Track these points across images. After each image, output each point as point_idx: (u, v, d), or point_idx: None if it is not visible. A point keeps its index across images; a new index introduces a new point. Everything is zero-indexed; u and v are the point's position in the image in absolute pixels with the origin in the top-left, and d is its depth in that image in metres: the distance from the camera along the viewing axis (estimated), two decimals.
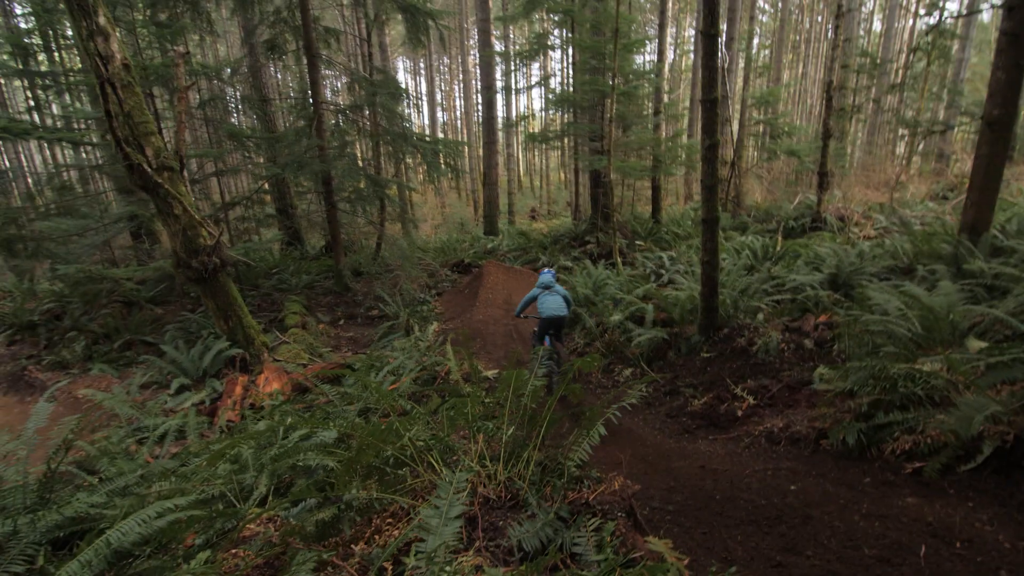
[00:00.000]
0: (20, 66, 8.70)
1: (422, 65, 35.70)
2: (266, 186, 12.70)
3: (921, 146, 18.37)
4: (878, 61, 12.65)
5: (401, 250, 10.62)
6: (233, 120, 12.81)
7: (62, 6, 8.30)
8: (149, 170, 5.84)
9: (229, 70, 10.28)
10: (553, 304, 5.55)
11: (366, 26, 11.43)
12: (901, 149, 18.97)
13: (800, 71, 29.25)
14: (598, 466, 3.51)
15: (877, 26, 25.33)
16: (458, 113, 40.85)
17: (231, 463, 3.03)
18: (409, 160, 11.02)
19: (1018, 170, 15.67)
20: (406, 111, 11.56)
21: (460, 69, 35.38)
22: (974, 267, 5.55)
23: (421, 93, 40.12)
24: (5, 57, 10.04)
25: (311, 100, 9.50)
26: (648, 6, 25.49)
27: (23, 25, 11.16)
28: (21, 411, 6.58)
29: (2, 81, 13.55)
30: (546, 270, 6.04)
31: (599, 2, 11.07)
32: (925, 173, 17.53)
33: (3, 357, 7.73)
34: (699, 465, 3.11)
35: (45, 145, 11.84)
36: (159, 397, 6.37)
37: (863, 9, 26.73)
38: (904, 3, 17.95)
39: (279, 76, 19.41)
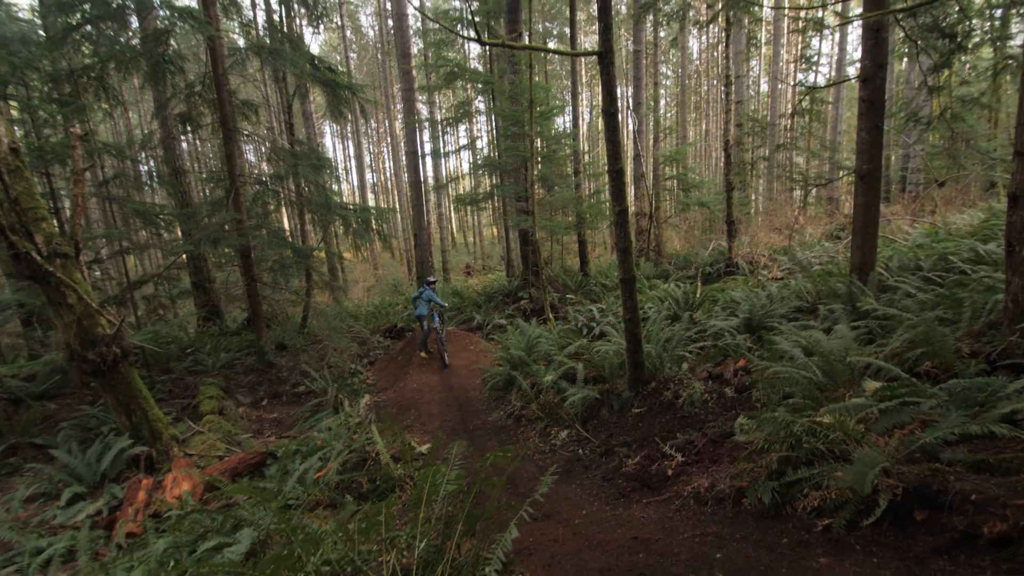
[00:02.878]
0: None
1: (349, 130, 35.99)
2: (183, 258, 12.04)
3: (814, 193, 20.60)
4: (766, 123, 14.14)
5: (328, 320, 10.26)
6: (145, 194, 12.19)
7: None
8: (39, 258, 5.37)
9: (138, 144, 9.86)
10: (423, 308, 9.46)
11: (285, 97, 11.46)
12: (797, 196, 21.15)
13: (704, 128, 32.11)
14: (534, 546, 3.39)
15: (764, 87, 28.52)
16: (388, 175, 41.23)
17: None
18: (338, 227, 10.84)
19: (897, 208, 17.80)
20: (332, 178, 11.49)
21: (388, 133, 35.99)
22: (866, 305, 6.11)
23: (350, 156, 40.28)
24: None
25: (227, 173, 9.25)
26: (564, 73, 27.38)
27: None
28: None
29: None
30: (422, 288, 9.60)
31: (514, 74, 11.76)
32: (819, 216, 19.46)
33: None
34: (632, 536, 3.08)
35: None
36: (47, 511, 5.59)
37: (751, 74, 30.14)
38: (784, 71, 20.45)
39: (197, 145, 18.86)
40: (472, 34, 16.12)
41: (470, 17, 12.05)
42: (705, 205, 14.22)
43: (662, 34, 27.01)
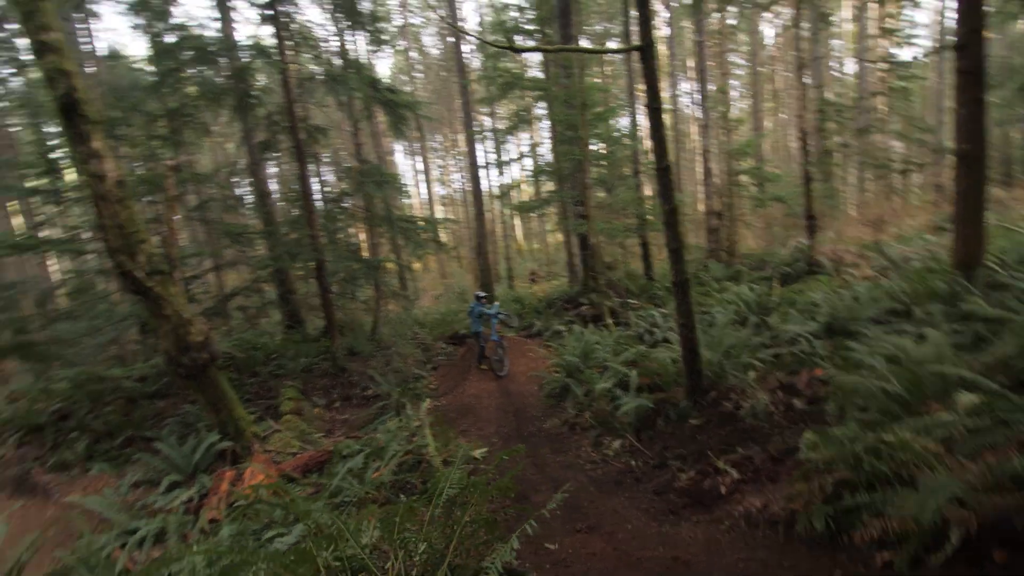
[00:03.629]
0: (28, 185, 9.38)
1: (417, 146, 37.36)
2: (269, 272, 13.11)
3: (915, 180, 18.59)
4: (844, 106, 13.07)
5: (394, 327, 10.71)
6: (236, 215, 13.39)
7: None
8: (140, 276, 6.07)
9: (226, 171, 10.90)
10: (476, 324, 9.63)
11: (352, 120, 12.14)
12: (897, 184, 19.17)
13: (781, 118, 30.19)
14: (571, 559, 3.34)
15: (852, 67, 26.35)
16: (455, 186, 42.36)
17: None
18: (398, 239, 11.35)
19: (1020, 192, 15.55)
20: (396, 192, 12.05)
21: (453, 146, 37.08)
22: (971, 306, 5.34)
23: (419, 171, 41.82)
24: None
25: (301, 193, 9.94)
26: (625, 72, 26.88)
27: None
28: (22, 515, 6.51)
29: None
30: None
31: (567, 78, 11.69)
32: (924, 206, 17.56)
33: (10, 460, 7.79)
34: (672, 556, 2.95)
35: (53, 255, 12.48)
36: (149, 496, 6.28)
37: (833, 54, 27.94)
38: (873, 46, 18.77)
39: (279, 169, 20.40)
40: (509, 41, 16.26)
41: (519, 25, 12.16)
42: (781, 200, 13.35)
43: (731, 21, 25.78)
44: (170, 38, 9.21)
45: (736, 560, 2.71)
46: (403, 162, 48.24)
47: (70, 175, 9.26)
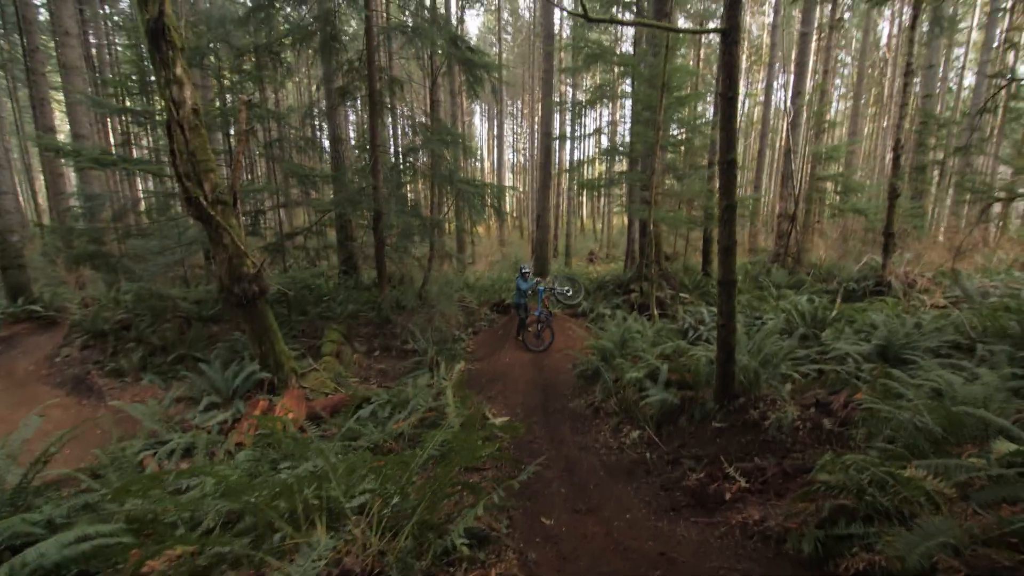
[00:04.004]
0: (119, 104, 10.08)
1: (496, 111, 37.19)
2: (332, 217, 13.62)
3: (1018, 210, 16.63)
4: (945, 120, 11.75)
5: (440, 287, 10.90)
6: (306, 158, 13.91)
7: None
8: (204, 203, 6.45)
9: (304, 112, 11.27)
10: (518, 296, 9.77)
11: (430, 75, 12.19)
12: (994, 213, 17.27)
13: (882, 125, 27.74)
14: (563, 536, 3.36)
15: (970, 80, 23.64)
16: (526, 156, 42.04)
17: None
18: (454, 200, 11.41)
19: None
20: (463, 154, 12.08)
21: (532, 114, 36.58)
22: None
23: (494, 136, 41.78)
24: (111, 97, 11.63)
25: (370, 142, 10.16)
26: (714, 57, 25.43)
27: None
28: (77, 412, 7.27)
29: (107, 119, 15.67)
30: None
31: (654, 56, 11.18)
32: (1020, 238, 15.82)
33: (74, 360, 8.58)
34: (660, 552, 2.90)
35: (138, 175, 13.44)
36: (188, 413, 6.82)
37: (955, 64, 25.15)
38: (999, 60, 16.69)
39: (355, 116, 20.94)
40: (580, 9, 15.55)
41: None
42: (862, 212, 12.36)
43: (846, 15, 23.59)
44: None
45: (720, 567, 2.63)
46: (479, 125, 48.27)
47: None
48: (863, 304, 9.70)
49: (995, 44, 15.87)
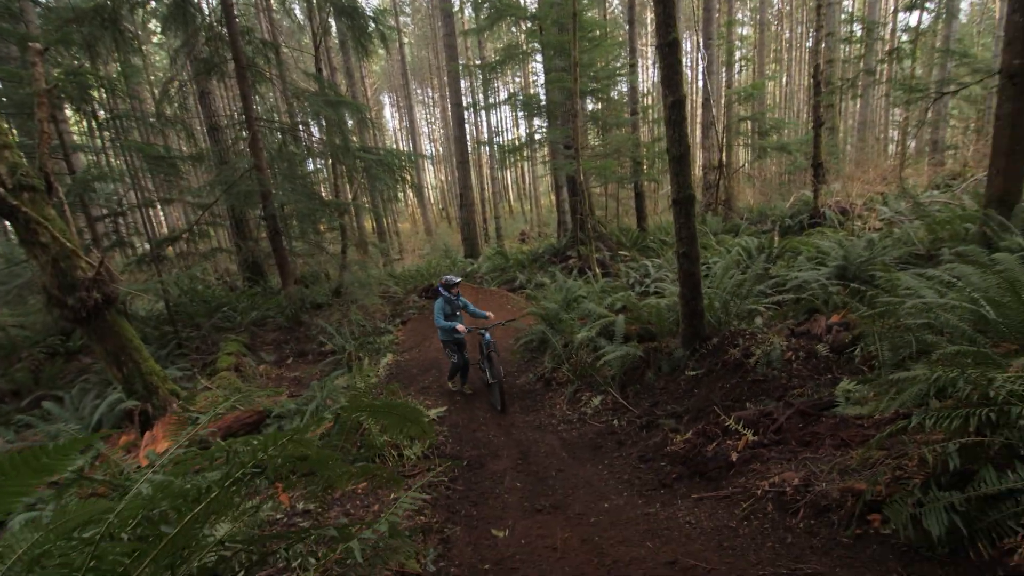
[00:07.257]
0: None
1: (404, 95, 35.52)
2: (220, 218, 11.75)
3: (913, 141, 17.36)
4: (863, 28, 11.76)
5: (359, 279, 9.54)
6: (165, 140, 11.90)
7: None
8: (1, 191, 4.81)
9: (162, 90, 9.36)
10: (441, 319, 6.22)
11: (315, 39, 10.64)
12: (892, 150, 17.98)
13: (784, 80, 28.77)
14: (522, 554, 2.31)
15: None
16: (443, 143, 40.63)
17: None
18: (360, 175, 9.99)
19: None
20: (365, 125, 10.64)
21: (443, 99, 35.13)
22: (1011, 244, 4.62)
23: (406, 126, 39.95)
24: None
25: (244, 117, 8.59)
26: (620, 11, 25.21)
27: None
28: None
29: None
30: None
31: (561, 3, 10.27)
32: (920, 166, 16.58)
33: None
34: (668, 560, 1.92)
35: None
36: None
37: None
38: None
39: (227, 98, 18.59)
40: None
41: None
42: (786, 149, 12.19)
43: None
44: None
45: (773, 574, 1.67)
46: (390, 118, 46.14)
47: None
48: (803, 237, 9.42)
49: None
